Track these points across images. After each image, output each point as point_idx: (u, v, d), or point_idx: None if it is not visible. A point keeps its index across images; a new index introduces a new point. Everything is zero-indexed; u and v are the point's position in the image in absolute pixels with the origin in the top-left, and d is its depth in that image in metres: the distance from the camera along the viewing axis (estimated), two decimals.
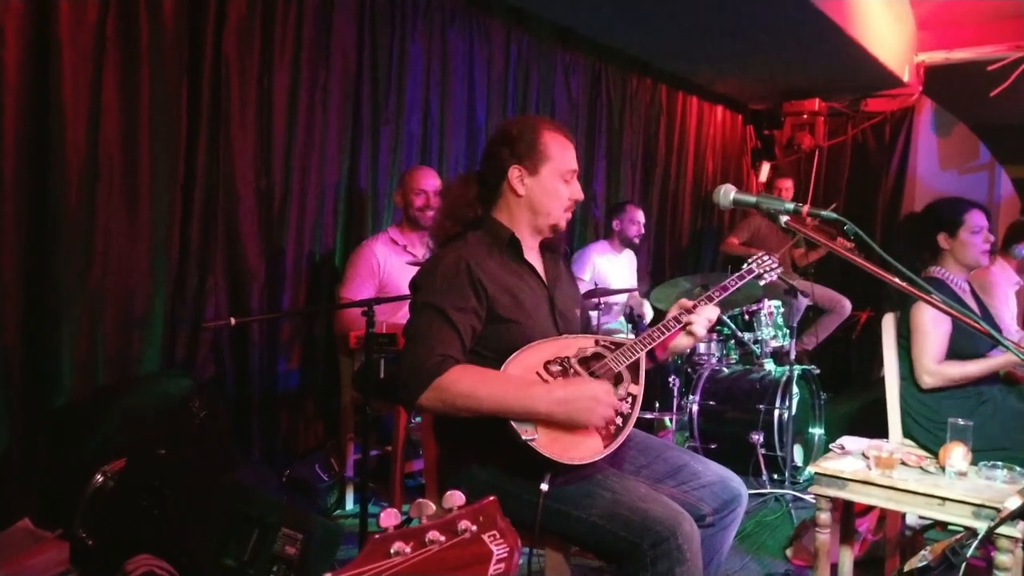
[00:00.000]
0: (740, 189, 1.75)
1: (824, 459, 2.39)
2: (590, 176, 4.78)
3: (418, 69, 3.72)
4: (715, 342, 4.04)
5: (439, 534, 0.89)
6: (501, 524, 0.94)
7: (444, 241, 1.93)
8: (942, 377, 2.68)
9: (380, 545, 0.89)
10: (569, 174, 1.90)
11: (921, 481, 2.19)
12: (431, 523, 0.90)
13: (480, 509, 0.94)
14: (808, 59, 4.82)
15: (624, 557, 1.67)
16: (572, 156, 1.92)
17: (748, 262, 2.19)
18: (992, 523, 1.78)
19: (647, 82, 5.20)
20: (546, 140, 1.87)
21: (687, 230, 5.61)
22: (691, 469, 1.97)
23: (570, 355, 1.82)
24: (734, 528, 1.98)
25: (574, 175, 1.92)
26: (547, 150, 1.87)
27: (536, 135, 1.87)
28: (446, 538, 0.89)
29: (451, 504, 0.93)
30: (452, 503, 0.93)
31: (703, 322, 1.94)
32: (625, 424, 1.78)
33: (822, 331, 4.90)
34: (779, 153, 5.97)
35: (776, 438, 3.53)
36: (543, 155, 1.86)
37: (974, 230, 2.74)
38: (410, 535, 0.90)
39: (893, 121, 5.64)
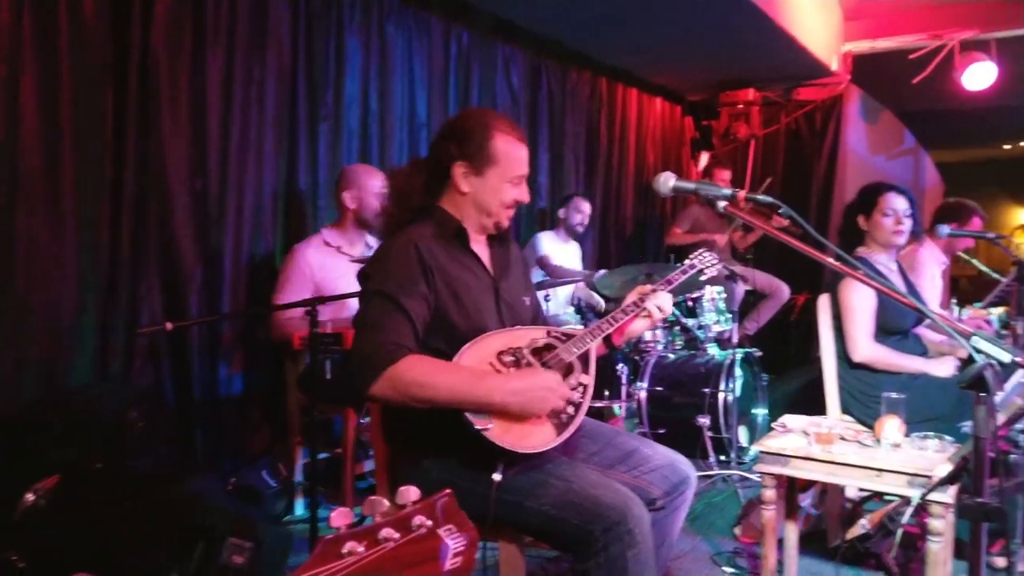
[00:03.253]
0: (679, 177, 1.78)
1: (767, 438, 2.45)
2: (535, 168, 4.80)
3: (356, 64, 3.67)
4: (661, 329, 4.10)
5: (393, 531, 0.88)
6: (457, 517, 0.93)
7: (393, 230, 1.91)
8: (875, 355, 2.78)
9: (332, 546, 0.87)
10: (517, 179, 1.88)
11: (858, 454, 2.27)
12: (384, 520, 0.89)
13: (435, 503, 0.93)
14: (741, 49, 4.93)
15: (577, 544, 1.69)
16: (523, 160, 1.88)
17: (690, 257, 2.25)
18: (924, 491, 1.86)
19: (587, 75, 5.24)
20: (497, 143, 1.84)
21: (631, 220, 5.68)
22: (641, 454, 2.00)
23: (522, 346, 1.83)
24: (684, 510, 2.02)
25: (522, 179, 1.90)
26: (496, 153, 1.84)
27: (487, 136, 1.83)
28: (400, 535, 0.88)
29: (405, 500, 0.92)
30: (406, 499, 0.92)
31: (662, 306, 2.00)
32: (576, 413, 1.81)
33: (763, 315, 5.03)
34: (717, 143, 6.10)
35: (722, 420, 3.61)
36: (491, 158, 1.84)
37: (886, 212, 2.86)
38: (363, 534, 0.88)
39: (824, 109, 5.81)
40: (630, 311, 1.99)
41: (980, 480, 1.26)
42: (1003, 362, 1.28)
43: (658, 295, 2.01)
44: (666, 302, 2.02)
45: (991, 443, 1.29)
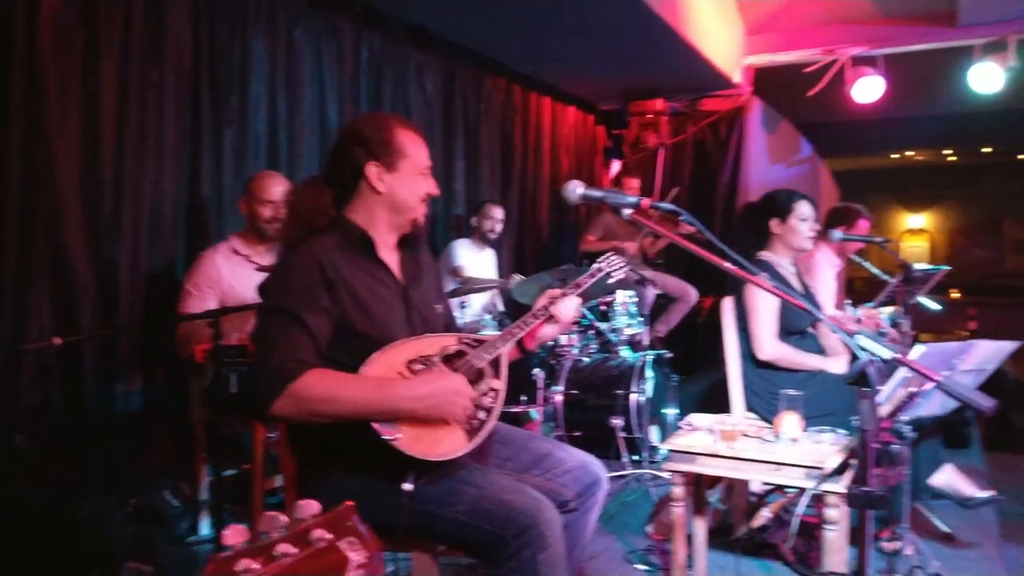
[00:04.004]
0: (589, 186, 1.83)
1: (675, 437, 2.52)
2: (450, 175, 4.80)
3: (262, 68, 3.57)
4: (575, 334, 4.16)
5: (290, 546, 0.85)
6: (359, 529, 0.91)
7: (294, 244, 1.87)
8: (779, 353, 2.92)
9: (224, 565, 0.83)
10: (425, 169, 1.92)
11: (760, 449, 2.37)
12: (281, 536, 0.86)
13: (336, 516, 0.91)
14: (648, 61, 5.08)
15: (490, 550, 1.69)
16: (426, 152, 1.93)
17: (597, 261, 2.30)
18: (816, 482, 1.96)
19: (501, 82, 5.28)
20: (400, 137, 1.87)
21: (546, 226, 5.75)
22: (554, 457, 2.03)
23: (432, 353, 1.82)
24: (597, 510, 2.05)
25: (429, 170, 1.94)
26: (403, 147, 1.87)
27: (390, 133, 1.87)
28: (299, 549, 0.86)
29: (303, 514, 0.89)
30: (305, 513, 0.89)
31: (569, 310, 2.02)
32: (488, 419, 1.81)
33: (672, 318, 5.18)
34: (628, 151, 6.25)
35: (634, 421, 3.69)
36: (400, 152, 1.86)
37: (802, 218, 3.03)
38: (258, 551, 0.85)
39: (728, 119, 6.05)
40: (540, 315, 2.01)
41: (865, 470, 1.34)
42: (884, 359, 1.35)
43: (566, 299, 2.04)
44: (573, 306, 2.05)
45: (875, 435, 1.37)
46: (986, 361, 2.43)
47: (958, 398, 1.31)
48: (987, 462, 4.38)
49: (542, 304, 2.03)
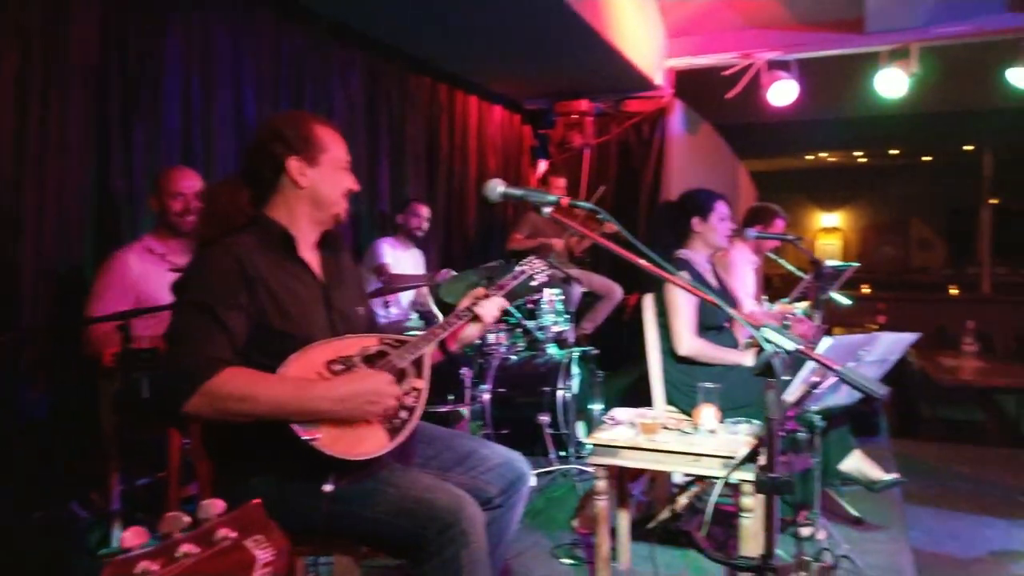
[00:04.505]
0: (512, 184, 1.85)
1: (598, 431, 2.57)
2: (375, 174, 4.74)
3: (176, 62, 3.45)
4: (503, 332, 4.18)
5: (193, 546, 0.84)
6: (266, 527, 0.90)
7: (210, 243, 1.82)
8: (697, 348, 3.01)
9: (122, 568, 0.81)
10: (345, 164, 1.91)
11: (679, 441, 2.43)
12: (184, 536, 0.84)
13: (242, 515, 0.90)
14: (571, 61, 5.14)
15: (413, 549, 1.69)
16: (344, 148, 1.92)
17: (520, 263, 2.32)
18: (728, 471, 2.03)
19: (427, 81, 5.26)
20: (319, 133, 1.86)
21: (474, 225, 5.75)
22: (479, 455, 2.03)
23: (353, 354, 1.80)
24: (521, 506, 2.06)
25: (348, 166, 1.93)
26: (323, 142, 1.86)
27: (308, 128, 1.85)
28: (201, 549, 0.84)
29: (208, 514, 0.87)
30: (208, 512, 0.87)
31: (492, 311, 2.03)
32: (410, 418, 1.80)
33: (598, 315, 5.27)
34: (554, 151, 6.31)
35: (561, 417, 3.74)
36: (320, 146, 1.85)
37: (722, 217, 3.15)
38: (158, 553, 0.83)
39: (650, 120, 6.18)
40: (463, 316, 2.02)
41: (772, 457, 1.39)
42: (788, 350, 1.41)
43: (489, 300, 2.05)
44: (496, 307, 2.06)
45: (781, 423, 1.42)
46: (889, 352, 2.56)
47: (855, 386, 1.38)
48: (894, 448, 4.62)
49: (465, 305, 2.04)
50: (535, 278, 2.34)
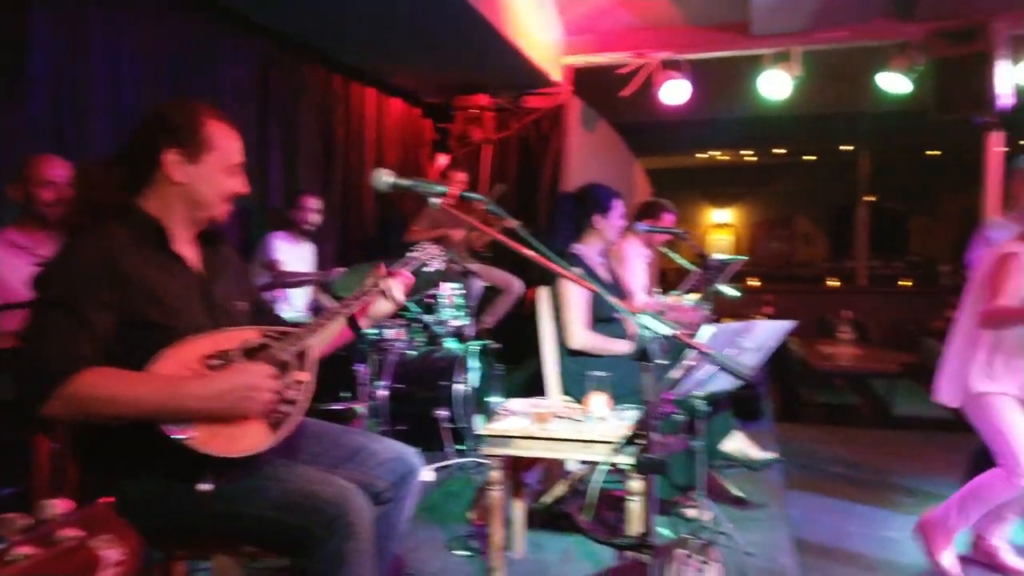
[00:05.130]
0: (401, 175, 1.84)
1: (492, 422, 2.59)
2: (265, 165, 4.59)
3: (44, 43, 3.22)
4: (401, 327, 4.14)
5: (31, 548, 0.79)
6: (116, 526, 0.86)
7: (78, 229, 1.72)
8: (589, 341, 3.08)
9: None
10: (235, 166, 1.82)
11: (571, 429, 2.49)
12: (21, 538, 0.79)
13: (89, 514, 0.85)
14: (469, 55, 5.15)
15: (298, 544, 1.65)
16: (238, 148, 1.82)
17: (413, 248, 2.30)
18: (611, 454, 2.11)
19: (322, 71, 5.13)
20: (211, 129, 1.76)
21: (371, 219, 5.66)
22: (368, 450, 2.02)
23: (232, 347, 1.74)
24: (413, 499, 2.06)
25: (239, 168, 1.84)
26: (212, 139, 1.76)
27: (199, 122, 1.75)
28: (41, 550, 0.79)
29: (47, 514, 0.83)
30: (48, 512, 0.83)
31: (399, 287, 2.01)
32: (293, 412, 1.76)
33: (499, 309, 5.29)
34: (454, 145, 6.29)
35: (459, 411, 3.74)
36: (207, 144, 1.75)
37: (619, 215, 3.27)
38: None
39: (549, 117, 6.25)
40: (367, 292, 1.99)
41: (650, 438, 1.44)
42: (666, 336, 1.47)
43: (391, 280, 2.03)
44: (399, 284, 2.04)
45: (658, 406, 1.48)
46: (766, 339, 2.69)
47: (724, 367, 1.45)
48: (776, 432, 4.88)
49: (371, 281, 2.01)
50: (429, 264, 2.33)
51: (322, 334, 1.92)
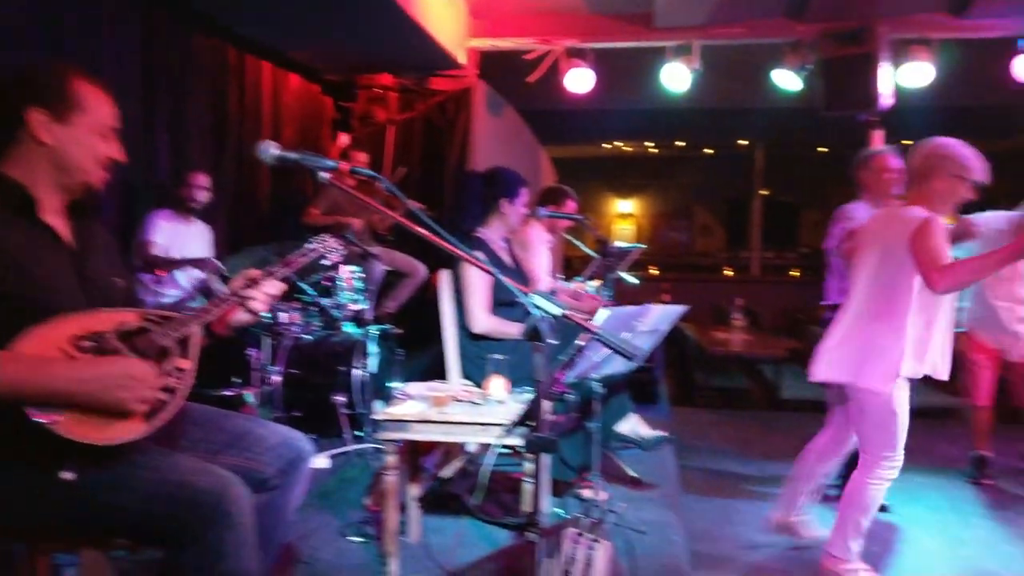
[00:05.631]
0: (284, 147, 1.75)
1: (389, 407, 2.54)
2: (151, 140, 4.32)
3: None
4: (297, 311, 4.01)
5: None
6: None
7: None
8: (490, 325, 3.07)
9: None
10: (108, 130, 1.70)
11: (470, 412, 2.46)
12: None
13: None
14: (372, 32, 5.00)
15: (173, 535, 1.57)
16: (111, 111, 1.71)
17: (310, 241, 2.20)
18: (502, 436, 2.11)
19: (214, 42, 4.87)
20: (81, 89, 1.65)
21: (267, 199, 5.44)
22: (253, 435, 1.94)
23: (106, 329, 1.62)
24: (302, 486, 2.00)
25: (114, 132, 1.72)
26: (82, 99, 1.64)
27: (68, 81, 1.64)
28: None
29: None
30: None
31: (263, 297, 1.86)
32: (172, 400, 1.67)
33: (401, 294, 5.22)
34: (356, 125, 6.13)
35: (357, 397, 3.66)
36: (77, 104, 1.64)
37: (524, 202, 3.27)
38: None
39: (455, 100, 6.17)
40: (232, 299, 1.87)
41: (539, 418, 1.43)
42: (555, 315, 1.46)
43: (264, 284, 1.90)
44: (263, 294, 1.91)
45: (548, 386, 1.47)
46: (660, 322, 2.76)
47: (611, 347, 1.46)
48: (671, 415, 5.03)
49: (238, 286, 1.89)
50: (327, 257, 2.25)
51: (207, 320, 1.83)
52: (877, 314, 2.59)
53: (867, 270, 2.66)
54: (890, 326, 2.54)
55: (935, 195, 2.57)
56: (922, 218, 2.48)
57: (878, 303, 2.59)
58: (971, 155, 2.58)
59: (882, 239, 2.63)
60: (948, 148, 2.58)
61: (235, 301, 1.85)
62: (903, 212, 2.59)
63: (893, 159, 3.35)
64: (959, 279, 2.41)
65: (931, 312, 2.54)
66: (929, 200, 2.57)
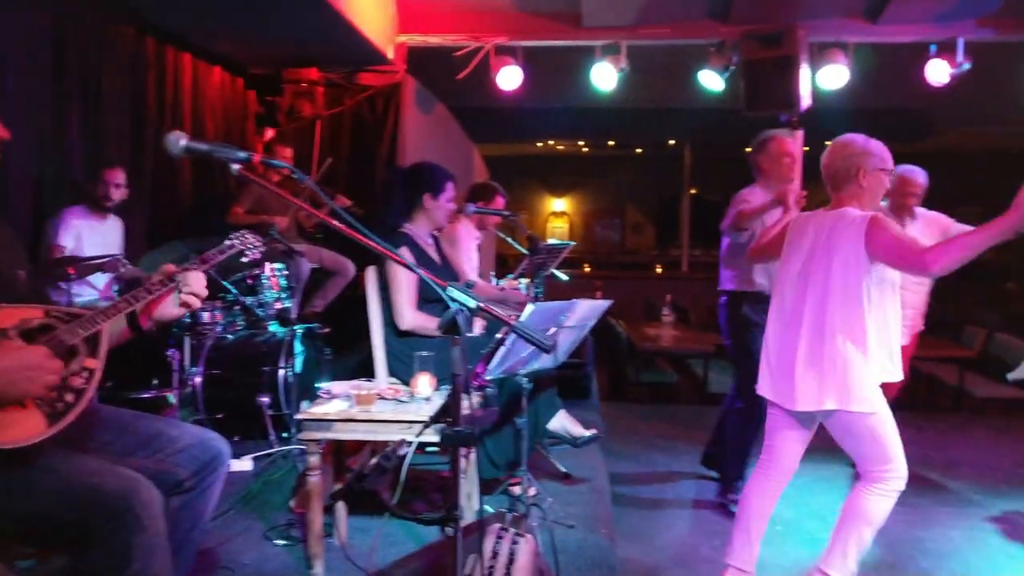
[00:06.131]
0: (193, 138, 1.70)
1: (311, 406, 2.48)
2: (63, 133, 4.11)
3: None
4: (219, 310, 3.89)
5: None
6: None
7: None
8: (417, 322, 3.03)
9: None
10: None
11: (395, 410, 2.43)
12: None
13: None
14: (297, 25, 4.89)
15: (78, 539, 1.53)
16: None
17: (230, 237, 2.15)
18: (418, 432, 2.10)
19: (129, 32, 4.67)
20: None
21: (189, 195, 5.26)
22: (166, 436, 1.90)
23: (9, 326, 1.55)
24: (218, 487, 1.96)
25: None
26: None
27: None
28: None
29: None
30: None
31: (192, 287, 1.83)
32: (77, 401, 1.61)
33: (330, 292, 5.11)
34: (282, 120, 5.98)
35: (282, 397, 3.57)
36: None
37: (449, 198, 3.20)
38: None
39: (384, 95, 6.08)
40: (155, 290, 1.81)
41: (456, 411, 1.42)
42: (471, 308, 1.45)
43: (188, 275, 1.85)
44: (197, 282, 1.86)
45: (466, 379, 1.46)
46: (586, 317, 2.78)
47: (527, 339, 1.46)
48: (603, 410, 5.09)
49: (157, 279, 1.83)
50: (246, 253, 2.19)
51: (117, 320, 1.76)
52: (840, 327, 2.43)
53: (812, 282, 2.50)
54: (854, 336, 2.41)
55: (865, 192, 2.50)
56: (869, 216, 2.40)
57: (837, 316, 2.43)
58: (883, 147, 2.57)
59: (825, 247, 2.48)
60: (867, 144, 2.53)
61: (161, 292, 1.80)
62: (842, 215, 2.48)
63: (791, 143, 3.45)
64: (951, 256, 2.22)
65: (884, 309, 2.45)
66: (859, 198, 2.50)
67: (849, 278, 2.42)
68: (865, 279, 2.41)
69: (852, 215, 2.46)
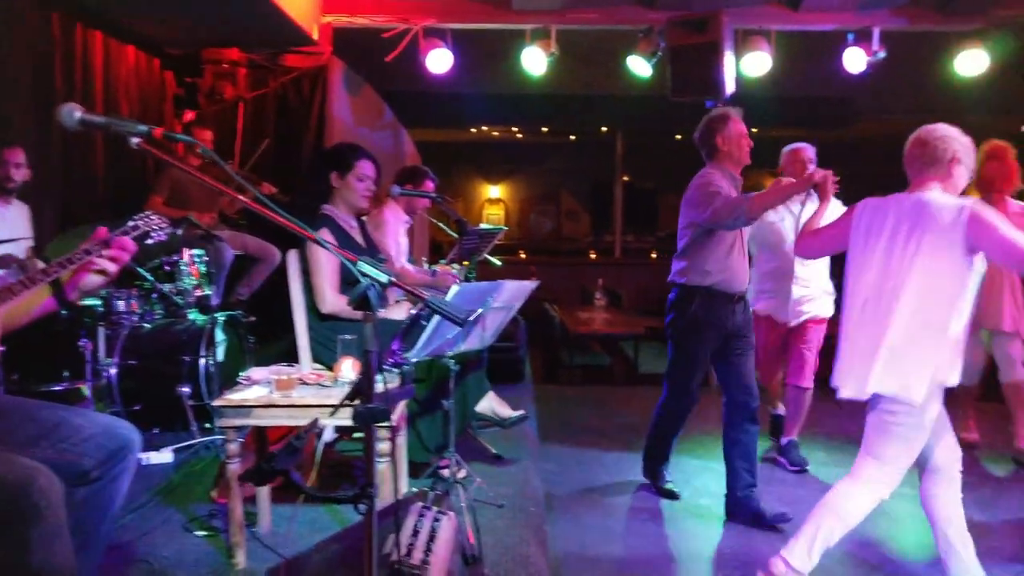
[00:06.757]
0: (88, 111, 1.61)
1: (230, 392, 2.41)
2: None
3: None
4: (135, 298, 3.73)
5: None
6: None
7: None
8: (339, 306, 2.98)
9: None
10: None
11: (316, 395, 2.38)
12: None
13: None
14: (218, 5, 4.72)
15: None
16: None
17: (133, 218, 2.06)
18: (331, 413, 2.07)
19: (34, 7, 4.42)
20: None
21: (101, 178, 5.02)
22: (70, 425, 1.83)
23: None
24: (128, 476, 1.90)
25: None
26: None
27: None
28: None
29: None
30: None
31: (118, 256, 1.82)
32: None
33: (255, 279, 4.97)
34: (203, 102, 5.76)
35: (203, 387, 3.46)
36: None
37: (360, 177, 3.09)
38: None
39: (310, 77, 5.91)
40: (77, 259, 1.76)
41: (369, 389, 1.39)
42: (383, 282, 1.42)
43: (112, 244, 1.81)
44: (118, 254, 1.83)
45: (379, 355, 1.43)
46: (513, 298, 2.77)
47: (440, 313, 1.44)
48: (536, 393, 5.12)
49: (82, 248, 1.78)
50: (151, 236, 2.10)
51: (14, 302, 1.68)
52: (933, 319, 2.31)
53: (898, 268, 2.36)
54: (942, 330, 2.30)
55: (950, 179, 2.41)
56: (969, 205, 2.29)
57: (933, 306, 2.31)
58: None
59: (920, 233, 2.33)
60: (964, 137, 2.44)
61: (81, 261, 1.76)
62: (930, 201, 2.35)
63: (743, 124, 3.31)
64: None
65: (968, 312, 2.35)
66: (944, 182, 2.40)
67: (953, 272, 2.31)
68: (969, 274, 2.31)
69: (945, 201, 2.34)
